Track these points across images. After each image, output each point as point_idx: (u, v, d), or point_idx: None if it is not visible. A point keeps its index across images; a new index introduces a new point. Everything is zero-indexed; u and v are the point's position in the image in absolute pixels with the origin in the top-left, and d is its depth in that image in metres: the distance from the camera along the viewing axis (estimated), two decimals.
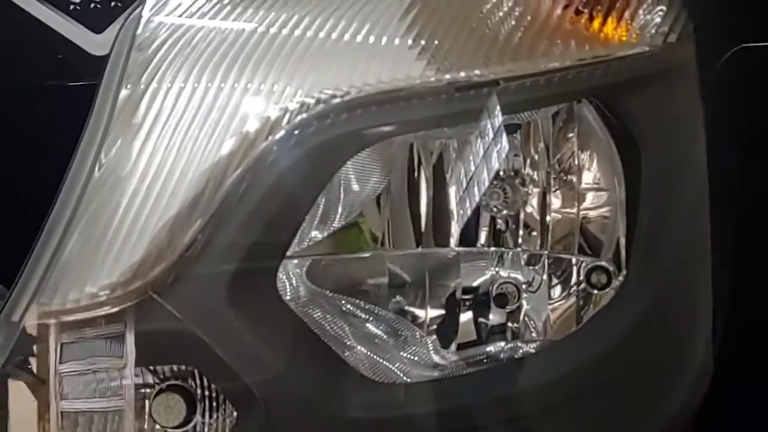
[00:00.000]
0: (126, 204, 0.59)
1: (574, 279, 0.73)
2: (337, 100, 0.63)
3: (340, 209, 0.72)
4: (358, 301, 0.73)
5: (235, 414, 0.62)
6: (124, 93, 0.59)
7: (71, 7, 1.07)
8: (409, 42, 0.65)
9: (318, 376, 0.62)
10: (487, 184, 0.69)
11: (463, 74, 0.65)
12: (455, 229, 0.74)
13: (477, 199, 0.70)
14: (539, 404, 0.63)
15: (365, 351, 0.70)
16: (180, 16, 0.64)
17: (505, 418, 0.62)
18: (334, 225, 0.72)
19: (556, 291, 0.75)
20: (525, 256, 0.76)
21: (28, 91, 1.08)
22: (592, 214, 0.74)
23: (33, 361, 0.62)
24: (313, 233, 0.71)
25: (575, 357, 0.66)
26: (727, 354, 0.72)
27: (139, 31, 0.62)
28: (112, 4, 1.09)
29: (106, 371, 0.62)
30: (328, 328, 0.69)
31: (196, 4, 0.64)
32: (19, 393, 0.61)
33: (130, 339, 0.62)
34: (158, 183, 0.59)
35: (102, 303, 0.58)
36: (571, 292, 0.74)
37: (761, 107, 0.97)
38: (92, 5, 1.10)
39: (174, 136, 0.60)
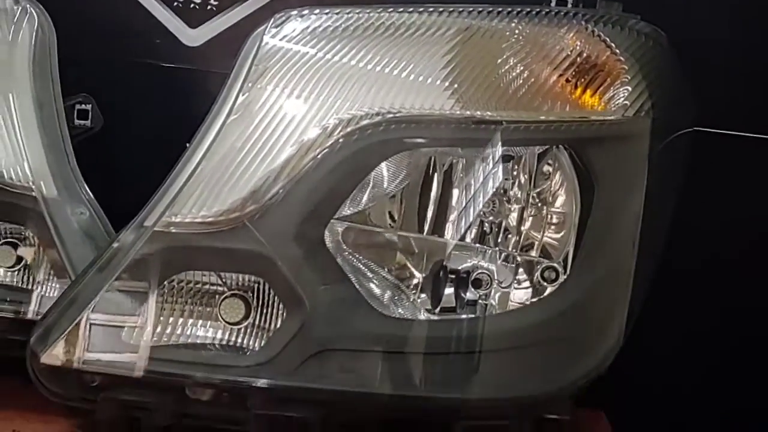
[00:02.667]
0: (238, 161, 0.83)
1: (532, 273, 0.94)
2: (388, 116, 0.85)
3: (366, 195, 0.92)
4: (368, 262, 0.93)
5: (280, 318, 0.86)
6: (246, 87, 0.85)
7: (175, 3, 1.27)
8: (445, 84, 0.87)
9: (341, 295, 0.86)
10: (488, 196, 0.92)
11: (478, 113, 0.87)
12: (451, 225, 0.93)
13: (480, 206, 0.92)
14: (495, 345, 0.87)
15: (367, 299, 0.88)
16: (289, 41, 0.88)
17: (467, 351, 0.87)
18: (362, 205, 0.93)
19: (517, 281, 0.96)
20: (501, 255, 0.97)
21: (128, 65, 1.31)
22: (553, 228, 0.95)
23: None
24: (346, 210, 0.91)
25: (523, 321, 0.90)
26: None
27: (260, 47, 0.86)
28: (208, 7, 1.29)
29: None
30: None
31: (301, 35, 0.88)
32: None
33: (151, 299, 0.85)
34: (261, 152, 0.84)
35: (213, 222, 0.83)
36: (529, 282, 0.95)
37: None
38: (192, 5, 1.28)
39: (276, 123, 0.85)
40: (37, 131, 1.00)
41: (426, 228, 0.94)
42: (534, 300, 0.92)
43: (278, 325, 0.86)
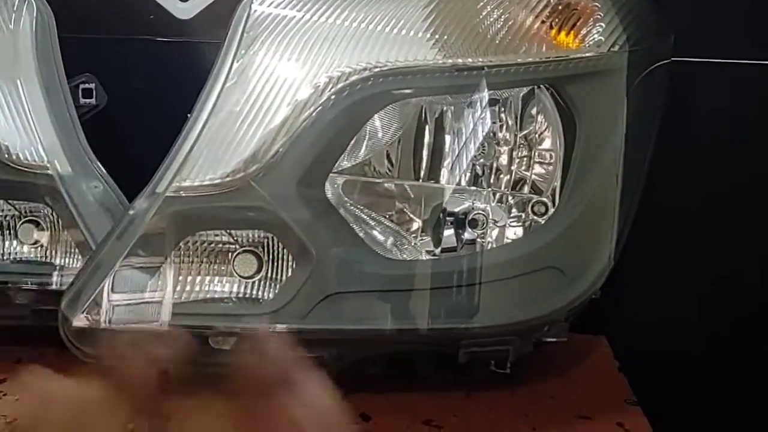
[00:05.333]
0: (238, 125, 0.88)
1: (524, 209, 1.00)
2: (375, 70, 0.90)
3: (364, 147, 0.96)
4: (370, 212, 0.98)
5: (290, 269, 0.92)
6: (240, 54, 0.89)
7: None
8: (427, 35, 0.92)
9: (346, 244, 0.91)
10: (479, 141, 0.97)
11: (461, 60, 0.92)
12: (446, 170, 0.98)
13: (472, 151, 0.96)
14: (492, 277, 0.92)
15: (371, 245, 0.94)
16: (276, 7, 0.92)
17: (467, 284, 0.93)
18: (360, 157, 0.98)
19: (511, 217, 1.01)
20: (494, 195, 1.01)
21: (125, 43, 1.34)
22: (541, 166, 1.00)
23: None
24: (344, 163, 0.96)
25: (516, 253, 0.95)
26: None
27: (249, 15, 0.91)
28: None
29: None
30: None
31: (286, 0, 0.92)
32: None
33: (169, 260, 0.90)
34: (259, 115, 0.89)
35: (219, 184, 0.89)
36: (522, 217, 1.00)
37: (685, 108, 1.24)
38: None
39: (270, 86, 0.89)
40: (46, 113, 1.05)
41: (422, 175, 0.99)
42: (527, 233, 0.97)
43: (289, 275, 0.92)
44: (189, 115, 0.91)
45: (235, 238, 0.94)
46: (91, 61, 1.23)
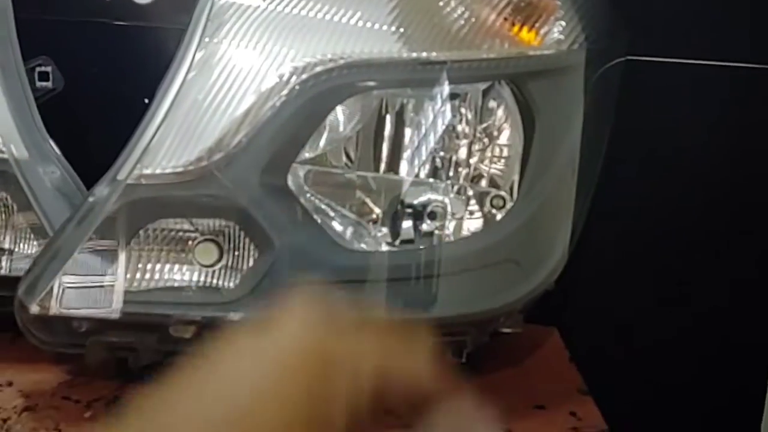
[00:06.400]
0: (201, 114, 0.88)
1: (482, 202, 1.02)
2: (340, 62, 0.91)
3: (324, 137, 0.97)
4: (330, 202, 0.98)
5: (251, 258, 0.92)
6: (203, 42, 0.89)
7: None
8: (391, 28, 0.92)
9: (308, 235, 0.92)
10: (439, 134, 0.98)
11: (424, 54, 0.93)
12: (405, 162, 0.99)
13: (432, 143, 0.98)
14: (449, 269, 0.94)
15: (331, 236, 0.95)
16: None
17: (425, 276, 0.94)
18: (321, 148, 0.98)
19: (471, 211, 1.04)
20: (453, 188, 1.05)
21: (82, 26, 1.33)
22: (500, 160, 1.02)
23: None
24: (306, 154, 0.98)
25: (474, 246, 0.97)
26: None
27: (213, 3, 0.91)
28: None
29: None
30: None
31: None
32: None
33: (125, 248, 0.90)
34: (222, 103, 0.89)
35: (182, 173, 0.88)
36: (480, 211, 1.03)
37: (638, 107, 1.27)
38: None
39: (235, 75, 0.89)
40: (2, 96, 1.03)
41: (382, 167, 0.99)
42: (484, 227, 0.99)
43: (251, 265, 0.92)
44: (146, 100, 0.91)
45: (196, 227, 0.94)
46: (47, 44, 1.22)
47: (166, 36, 1.23)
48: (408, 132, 0.99)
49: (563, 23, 0.97)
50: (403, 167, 0.99)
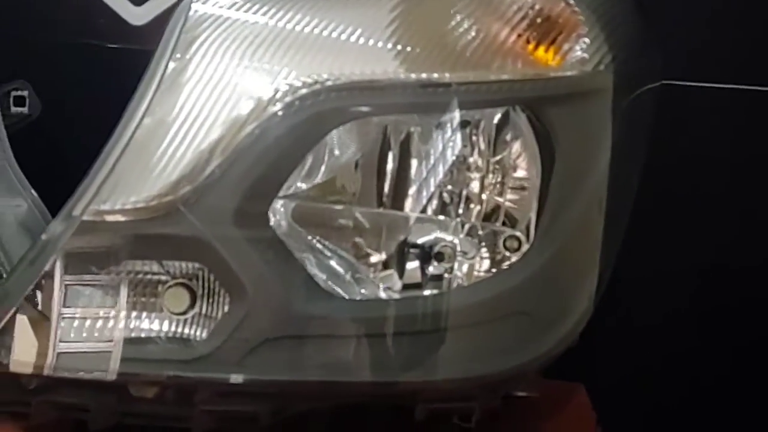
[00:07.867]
0: (168, 140, 0.78)
1: (496, 243, 0.92)
2: (328, 83, 0.81)
3: (323, 168, 0.88)
4: (326, 241, 0.88)
5: (227, 305, 0.82)
6: (172, 63, 0.79)
7: None
8: (389, 46, 0.83)
9: (290, 281, 0.81)
10: (448, 166, 0.89)
11: (425, 75, 0.83)
12: (411, 197, 0.90)
13: (440, 176, 0.89)
14: (456, 322, 0.83)
15: (325, 279, 0.85)
16: (220, 7, 0.83)
17: (431, 329, 0.83)
18: (316, 180, 0.88)
19: (482, 252, 0.95)
20: (463, 226, 0.95)
21: (71, 48, 1.26)
22: (514, 196, 0.91)
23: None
24: (299, 184, 0.87)
25: (484, 295, 0.86)
26: None
27: (189, 15, 0.81)
28: None
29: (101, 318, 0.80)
30: (298, 255, 0.85)
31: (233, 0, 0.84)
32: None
33: (123, 290, 0.81)
34: (193, 128, 0.79)
35: (142, 209, 0.78)
36: (491, 253, 0.94)
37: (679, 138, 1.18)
38: None
39: (207, 96, 0.79)
40: None
41: (384, 202, 0.89)
42: (496, 272, 0.88)
43: (226, 312, 0.81)
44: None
45: (166, 269, 0.83)
46: (28, 66, 1.16)
47: None
48: (414, 163, 0.89)
49: (587, 41, 0.88)
50: (408, 203, 0.90)
